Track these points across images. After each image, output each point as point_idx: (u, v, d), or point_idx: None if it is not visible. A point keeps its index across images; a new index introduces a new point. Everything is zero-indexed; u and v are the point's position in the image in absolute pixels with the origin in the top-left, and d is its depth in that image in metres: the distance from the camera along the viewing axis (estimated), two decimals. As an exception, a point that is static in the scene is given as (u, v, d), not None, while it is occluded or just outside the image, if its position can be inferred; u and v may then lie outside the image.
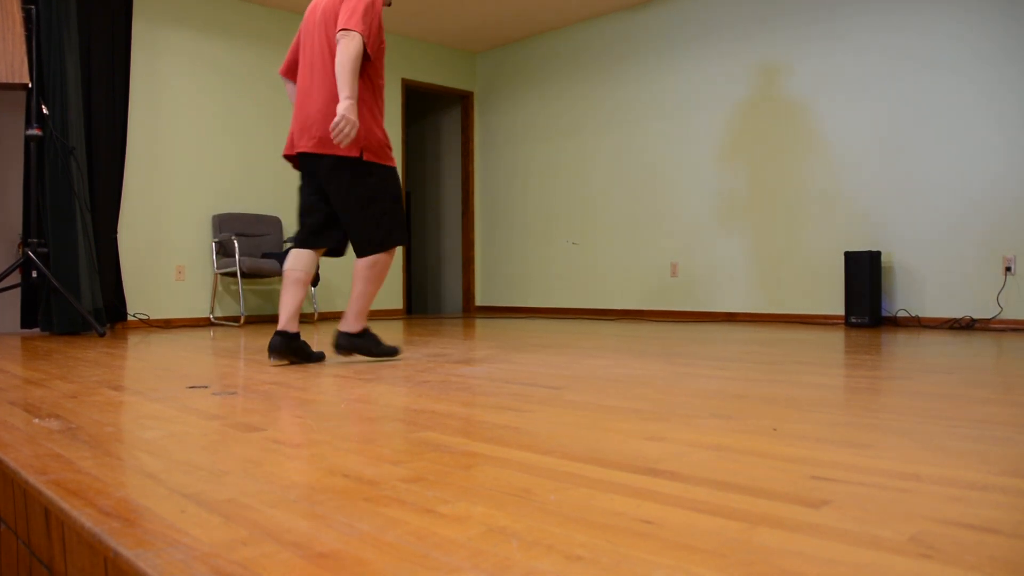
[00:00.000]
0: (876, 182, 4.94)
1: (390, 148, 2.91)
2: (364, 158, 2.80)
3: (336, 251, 2.99)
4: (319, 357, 2.98)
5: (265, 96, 6.13)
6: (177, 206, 5.67)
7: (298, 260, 2.86)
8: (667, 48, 6.05)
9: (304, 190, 2.94)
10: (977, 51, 4.54)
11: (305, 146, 2.80)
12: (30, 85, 4.26)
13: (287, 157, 2.96)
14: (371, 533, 0.90)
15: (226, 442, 1.44)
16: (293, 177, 6.29)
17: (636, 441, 1.41)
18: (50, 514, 1.07)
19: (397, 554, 0.83)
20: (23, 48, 4.13)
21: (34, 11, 4.51)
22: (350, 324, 2.89)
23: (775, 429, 1.52)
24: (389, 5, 3.03)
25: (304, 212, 2.92)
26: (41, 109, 4.60)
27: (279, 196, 6.21)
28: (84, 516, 0.96)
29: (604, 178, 6.46)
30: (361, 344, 2.91)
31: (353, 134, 2.66)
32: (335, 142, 2.66)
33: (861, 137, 5.00)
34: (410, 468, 1.22)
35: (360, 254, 2.86)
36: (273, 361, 2.87)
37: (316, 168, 2.84)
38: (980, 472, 1.17)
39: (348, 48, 2.68)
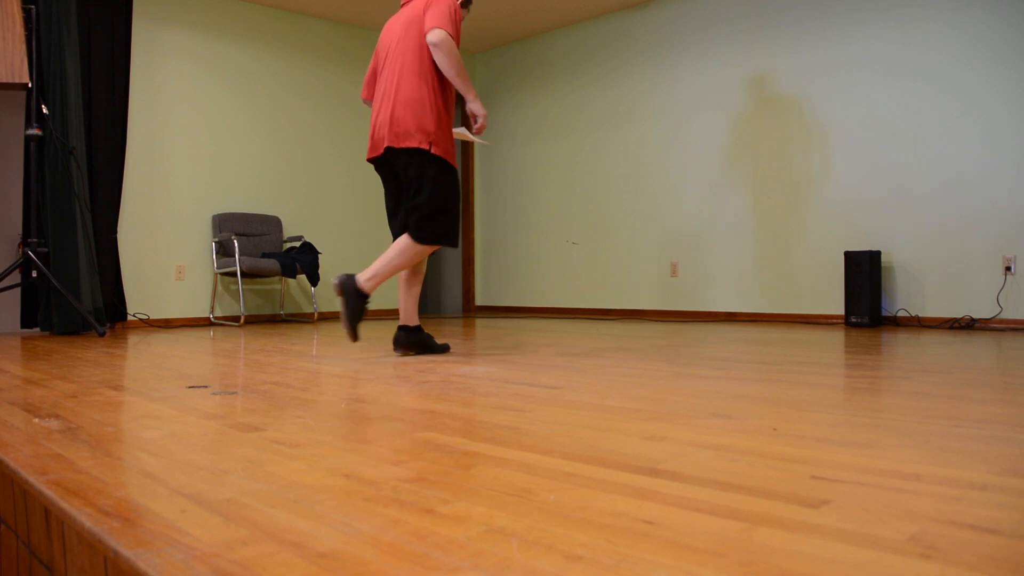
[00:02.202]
0: (876, 182, 4.94)
1: (454, 151, 3.09)
2: (433, 151, 2.97)
3: (450, 244, 3.11)
4: (443, 348, 3.19)
5: (265, 96, 6.13)
6: (177, 206, 5.67)
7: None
8: (667, 48, 6.05)
9: (387, 196, 3.15)
10: (978, 50, 4.54)
11: (388, 142, 2.97)
12: (30, 85, 4.26)
13: (370, 161, 3.11)
14: (371, 533, 0.90)
15: (226, 442, 1.44)
16: (293, 177, 6.30)
17: (636, 441, 1.41)
18: (50, 514, 1.07)
19: (397, 554, 0.83)
20: (23, 48, 4.13)
21: (34, 11, 4.51)
22: (363, 277, 2.96)
23: (775, 429, 1.52)
24: (467, 10, 3.22)
25: (391, 215, 3.14)
26: (41, 109, 4.60)
27: (279, 196, 6.21)
28: (84, 516, 0.96)
29: (604, 178, 6.46)
30: (354, 299, 2.94)
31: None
32: (479, 134, 3.04)
33: (861, 137, 5.00)
34: (410, 468, 1.22)
35: (416, 238, 2.98)
36: (399, 354, 3.10)
37: (395, 163, 3.02)
38: (980, 472, 1.17)
39: (443, 49, 2.90)
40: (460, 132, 3.18)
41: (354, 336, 2.97)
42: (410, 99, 2.95)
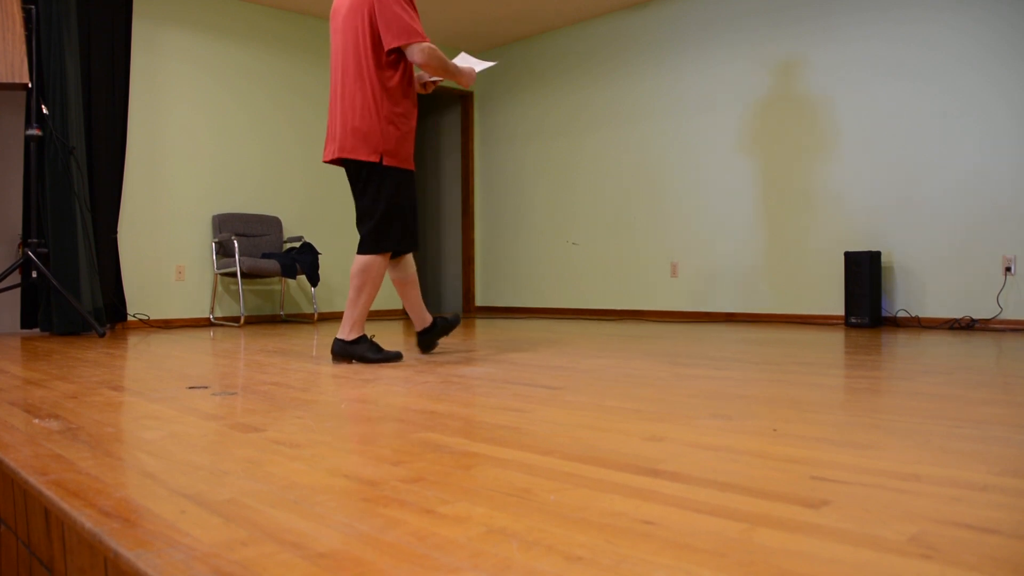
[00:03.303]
0: (876, 182, 4.94)
1: (411, 150, 2.97)
2: (383, 163, 2.85)
3: (401, 251, 2.98)
4: (457, 319, 3.22)
5: (265, 96, 6.13)
6: (177, 206, 5.67)
7: (393, 271, 3.06)
8: (667, 48, 6.05)
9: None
10: (978, 50, 4.54)
11: (337, 152, 2.85)
12: (30, 85, 4.26)
13: (329, 163, 3.00)
14: (371, 533, 0.90)
15: (226, 442, 1.44)
16: (292, 177, 6.29)
17: (636, 441, 1.41)
18: (50, 514, 1.07)
19: (397, 554, 0.83)
20: (23, 48, 4.13)
21: (34, 11, 4.51)
22: (345, 332, 2.91)
23: (775, 429, 1.52)
24: None
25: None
26: (41, 109, 4.60)
27: (279, 196, 6.21)
28: (84, 516, 0.96)
29: (604, 178, 6.46)
30: (355, 351, 2.91)
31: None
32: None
33: (861, 137, 5.00)
34: (410, 468, 1.22)
35: (359, 251, 2.90)
36: (427, 355, 3.13)
37: (348, 171, 2.92)
38: (980, 472, 1.17)
39: (432, 67, 2.81)
40: (464, 58, 3.04)
41: (398, 356, 2.98)
42: (356, 104, 2.80)
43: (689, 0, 5.91)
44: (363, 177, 2.87)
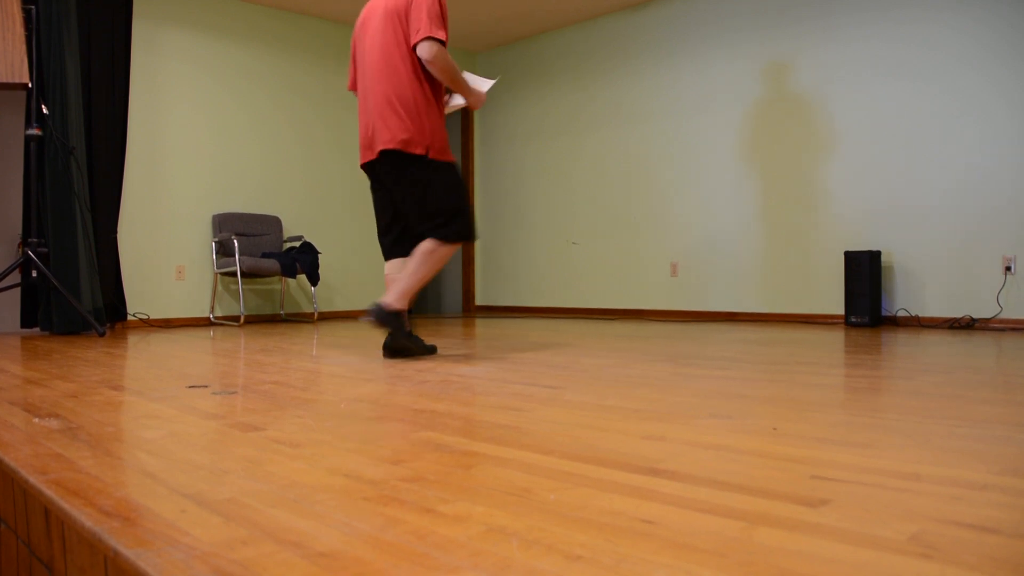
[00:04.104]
0: (876, 182, 4.94)
1: (448, 145, 3.00)
2: (430, 156, 2.89)
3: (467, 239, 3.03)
4: (430, 351, 3.08)
5: (265, 96, 6.13)
6: (177, 206, 5.67)
7: (394, 268, 3.04)
8: (667, 48, 6.05)
9: (377, 205, 3.08)
10: (978, 50, 4.54)
11: (376, 151, 2.89)
12: (30, 85, 4.26)
13: (363, 167, 3.02)
14: (371, 533, 0.90)
15: (226, 442, 1.44)
16: (292, 177, 6.29)
17: (636, 441, 1.41)
18: (50, 514, 1.07)
19: (397, 554, 0.83)
20: (23, 48, 4.13)
21: (34, 11, 4.51)
22: (391, 300, 2.87)
23: (775, 429, 1.52)
24: None
25: (382, 230, 3.09)
26: (41, 109, 4.60)
27: (279, 196, 6.21)
28: (84, 516, 0.96)
29: (604, 178, 6.46)
30: (393, 321, 2.87)
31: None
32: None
33: (861, 137, 5.00)
34: (410, 468, 1.22)
35: (427, 235, 2.91)
36: (370, 323, 2.91)
37: (387, 170, 2.92)
38: (980, 472, 1.17)
39: (437, 66, 2.80)
40: (467, 77, 3.02)
41: (432, 349, 3.02)
42: (398, 102, 2.84)
43: (689, 0, 5.91)
44: (410, 173, 2.90)
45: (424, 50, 2.77)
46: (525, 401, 1.91)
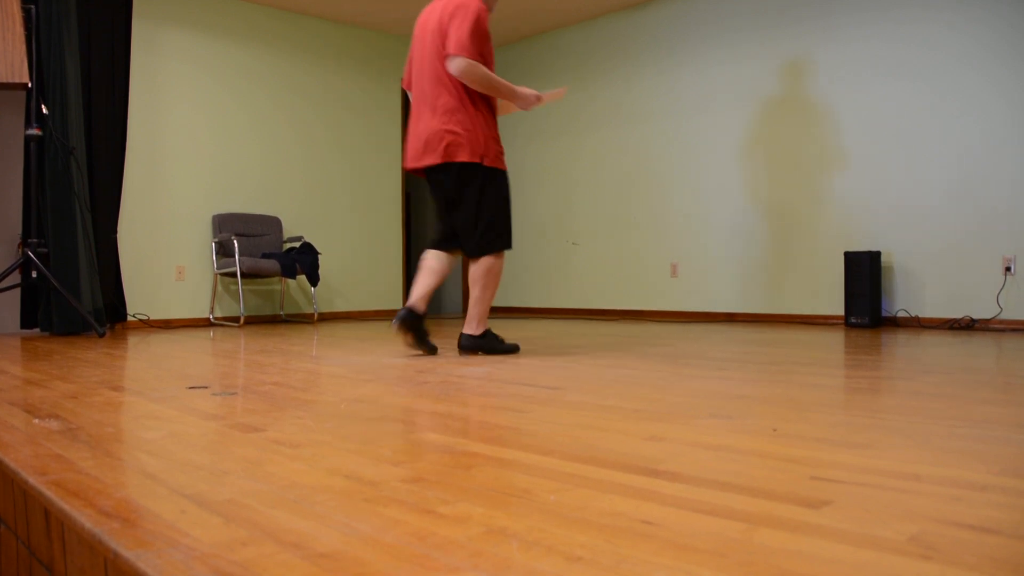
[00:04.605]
0: (876, 182, 4.94)
1: (503, 152, 3.11)
2: (485, 164, 2.99)
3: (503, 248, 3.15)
4: (433, 350, 3.15)
5: (265, 96, 6.13)
6: (177, 206, 5.67)
7: (435, 257, 3.11)
8: (667, 48, 6.05)
9: (435, 200, 3.15)
10: (978, 50, 4.54)
11: (430, 161, 2.98)
12: (30, 85, 4.26)
13: (410, 170, 3.12)
14: (371, 533, 0.90)
15: (226, 442, 1.44)
16: (292, 177, 6.29)
17: (636, 441, 1.41)
18: (50, 514, 1.07)
19: (397, 554, 0.83)
20: (23, 48, 4.13)
21: (34, 11, 4.50)
22: (472, 327, 3.08)
23: (775, 429, 1.52)
24: (491, 11, 3.14)
25: (438, 220, 3.16)
26: (41, 109, 4.60)
27: (279, 196, 6.21)
28: (84, 516, 0.96)
29: (604, 178, 6.46)
30: (483, 344, 3.09)
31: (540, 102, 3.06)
32: (551, 98, 3.05)
33: (861, 137, 5.00)
34: (410, 468, 1.22)
35: (471, 255, 3.04)
36: (397, 329, 3.03)
37: (442, 178, 3.02)
38: (980, 472, 1.17)
39: (468, 79, 2.90)
40: (546, 95, 3.11)
41: (517, 348, 3.16)
42: (451, 110, 2.93)
43: (689, 0, 5.91)
44: (464, 180, 2.99)
45: (453, 66, 2.90)
46: (525, 401, 1.91)
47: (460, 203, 3.01)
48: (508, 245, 3.09)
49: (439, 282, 3.15)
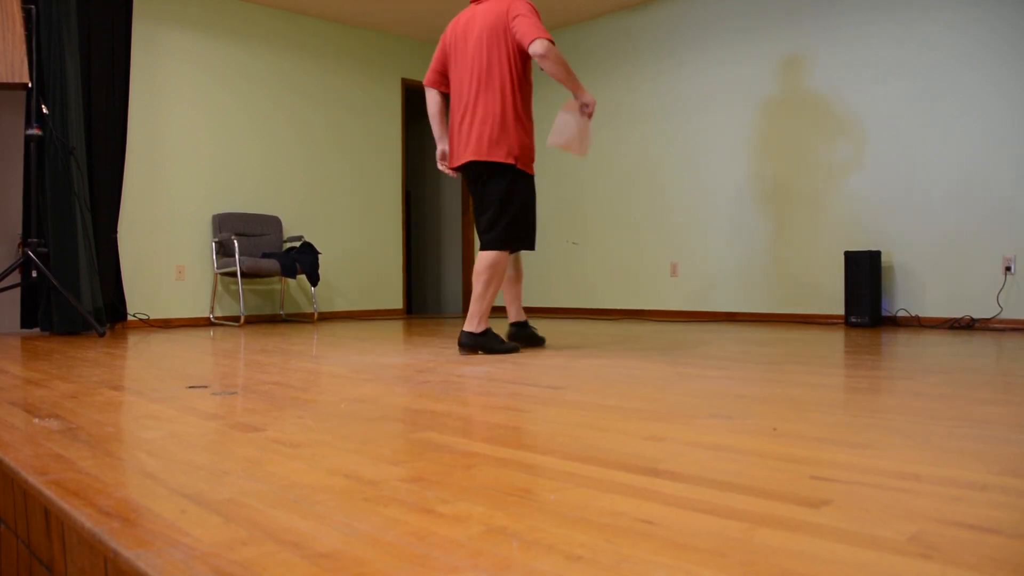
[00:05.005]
0: (876, 182, 4.94)
1: (534, 160, 3.30)
2: (518, 166, 3.16)
3: (522, 248, 3.30)
4: (539, 341, 3.42)
5: (265, 96, 6.13)
6: (177, 206, 5.67)
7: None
8: (669, 48, 6.05)
9: (474, 198, 3.29)
10: (978, 50, 4.54)
11: (469, 157, 3.14)
12: (30, 85, 4.26)
13: (454, 169, 3.29)
14: (371, 533, 0.90)
15: (226, 442, 1.44)
16: (292, 177, 6.29)
17: (636, 441, 1.41)
18: (50, 514, 1.07)
19: (397, 554, 0.83)
20: (23, 48, 4.13)
21: (34, 11, 4.50)
22: (473, 325, 3.15)
23: (775, 429, 1.52)
24: None
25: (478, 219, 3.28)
26: (41, 109, 4.60)
27: (279, 196, 6.21)
28: (84, 516, 0.96)
29: (604, 177, 6.46)
30: (484, 342, 3.15)
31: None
32: (588, 119, 3.20)
33: (861, 136, 5.00)
34: (410, 468, 1.22)
35: (484, 247, 3.18)
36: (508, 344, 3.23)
37: (479, 174, 3.18)
38: (980, 472, 1.17)
39: (551, 59, 3.02)
40: (567, 122, 3.24)
41: (516, 348, 3.25)
42: (494, 114, 3.09)
43: (689, 0, 5.91)
44: (495, 179, 3.15)
45: (538, 47, 2.99)
46: (525, 401, 1.91)
47: (485, 198, 3.18)
48: (529, 246, 3.26)
49: (519, 286, 3.41)
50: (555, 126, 3.25)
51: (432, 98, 3.35)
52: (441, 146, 3.34)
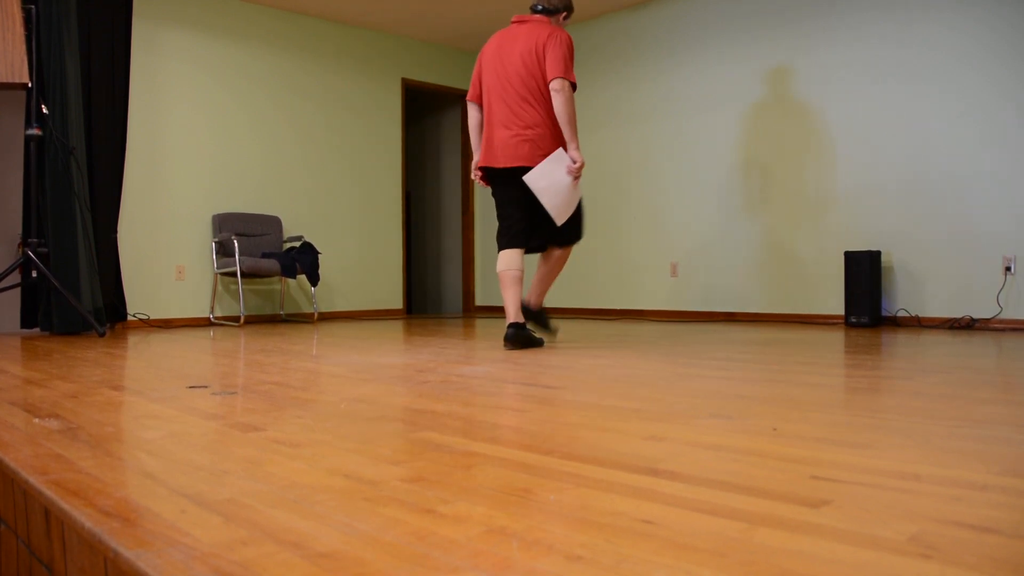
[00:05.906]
0: (876, 182, 4.94)
1: None
2: None
3: (535, 250, 3.61)
4: (540, 342, 3.53)
5: (265, 96, 6.13)
6: (177, 206, 5.67)
7: (512, 260, 3.42)
8: (669, 48, 6.05)
9: (502, 200, 3.50)
10: (979, 50, 4.54)
11: (512, 162, 3.39)
12: (30, 85, 4.26)
13: (483, 169, 3.53)
14: (371, 533, 0.90)
15: (226, 442, 1.44)
16: (292, 177, 6.29)
17: (636, 441, 1.41)
18: (50, 514, 1.07)
19: (397, 554, 0.83)
20: (23, 48, 4.13)
21: (34, 11, 4.50)
22: (535, 300, 3.61)
23: (775, 429, 1.52)
24: (568, 19, 3.61)
25: (508, 219, 3.48)
26: (41, 109, 4.60)
27: (279, 196, 6.21)
28: (84, 516, 0.96)
29: (604, 177, 6.46)
30: (539, 317, 3.60)
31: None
32: (574, 181, 3.38)
33: (862, 137, 5.00)
34: (410, 468, 1.22)
35: (566, 244, 3.56)
36: (508, 348, 3.40)
37: (507, 179, 3.44)
38: (980, 472, 1.17)
39: (563, 97, 3.30)
40: (552, 169, 3.38)
41: (554, 330, 3.67)
42: (535, 123, 3.37)
43: (689, 0, 5.91)
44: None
45: (557, 84, 3.30)
46: (525, 401, 1.91)
47: (525, 201, 3.46)
48: (579, 238, 3.63)
49: (522, 287, 3.63)
50: (541, 168, 3.34)
51: (474, 113, 3.60)
52: (477, 157, 3.58)
